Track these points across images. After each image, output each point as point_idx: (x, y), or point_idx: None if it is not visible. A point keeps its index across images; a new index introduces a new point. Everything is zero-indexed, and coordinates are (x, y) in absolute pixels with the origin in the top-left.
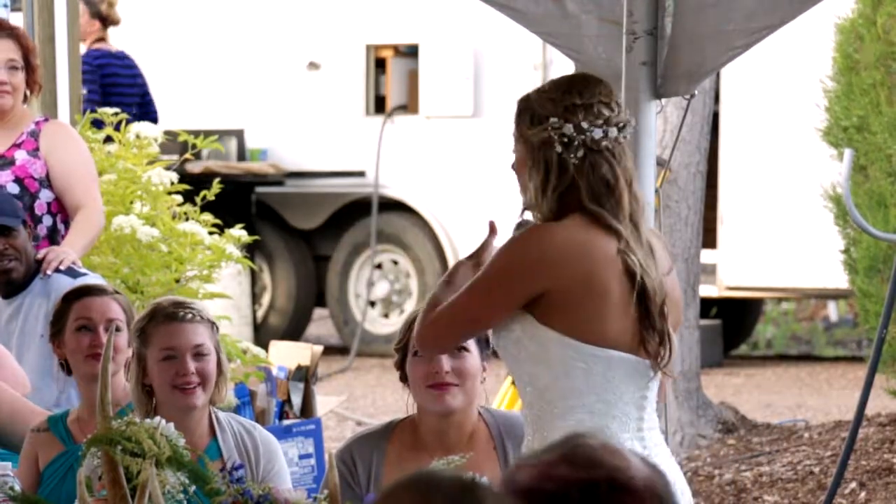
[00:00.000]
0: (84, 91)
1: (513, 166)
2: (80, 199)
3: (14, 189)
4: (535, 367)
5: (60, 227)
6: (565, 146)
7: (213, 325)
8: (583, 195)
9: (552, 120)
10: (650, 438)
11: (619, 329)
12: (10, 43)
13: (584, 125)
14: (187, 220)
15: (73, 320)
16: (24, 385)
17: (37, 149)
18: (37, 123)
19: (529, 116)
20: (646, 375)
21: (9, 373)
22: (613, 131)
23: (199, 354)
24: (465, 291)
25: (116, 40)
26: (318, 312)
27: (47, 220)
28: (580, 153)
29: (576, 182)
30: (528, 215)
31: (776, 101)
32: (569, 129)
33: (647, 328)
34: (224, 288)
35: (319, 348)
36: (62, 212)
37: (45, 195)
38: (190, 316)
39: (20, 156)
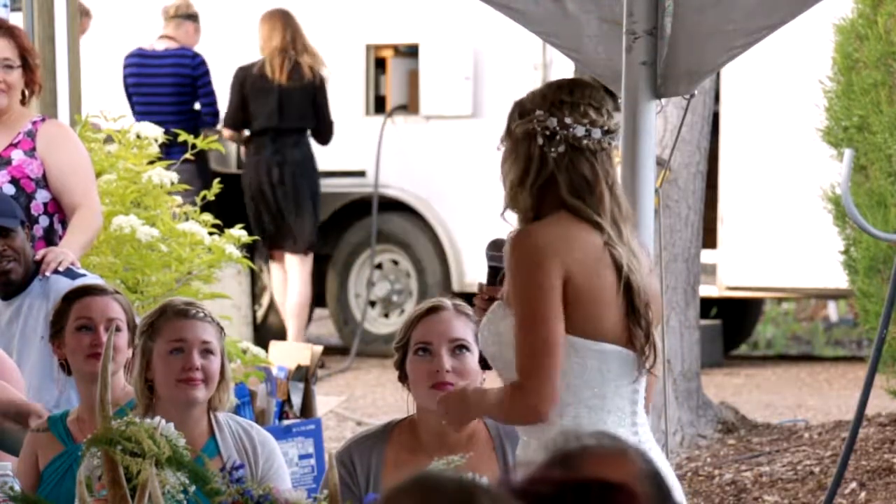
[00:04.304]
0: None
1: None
2: (77, 199)
3: (10, 189)
4: None
5: (57, 227)
6: (547, 139)
7: (221, 330)
8: (562, 190)
9: (537, 112)
10: (643, 434)
11: (611, 322)
12: (4, 42)
13: (568, 121)
14: (187, 220)
15: (73, 320)
16: (18, 379)
17: (33, 149)
18: (34, 123)
19: (518, 111)
20: (637, 369)
21: (4, 370)
22: (597, 132)
23: (206, 351)
24: (523, 337)
25: (118, 40)
26: (318, 312)
27: (44, 221)
28: (561, 148)
29: (554, 177)
30: (503, 230)
31: (776, 101)
32: (552, 122)
33: (634, 323)
34: (224, 288)
35: (319, 348)
36: (59, 212)
37: (42, 195)
38: (202, 315)
39: (17, 156)
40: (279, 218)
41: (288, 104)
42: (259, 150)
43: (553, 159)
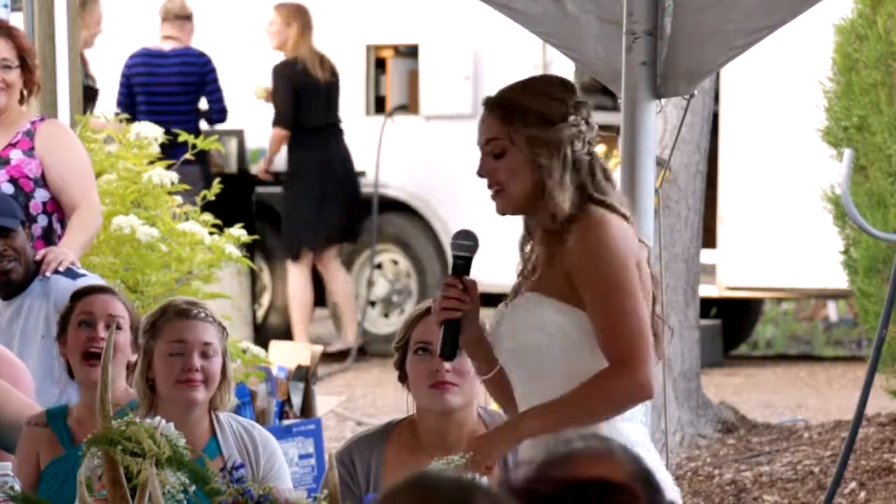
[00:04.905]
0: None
1: (479, 172)
2: (76, 198)
3: (9, 189)
4: (574, 357)
5: (56, 226)
6: (581, 142)
7: (223, 330)
8: (589, 188)
9: (572, 118)
10: (646, 431)
11: (647, 312)
12: (3, 42)
13: (591, 121)
14: (187, 220)
15: (75, 317)
16: (27, 380)
17: (32, 148)
18: (32, 123)
19: (538, 118)
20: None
21: (12, 371)
22: (595, 129)
23: (206, 352)
24: (620, 320)
25: (117, 41)
26: (318, 312)
27: (42, 220)
28: (586, 148)
29: (584, 175)
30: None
31: (776, 101)
32: (584, 125)
33: (653, 309)
34: (224, 288)
35: (319, 348)
36: (58, 211)
37: (41, 195)
38: (203, 315)
39: (15, 155)
40: (335, 210)
41: (334, 100)
42: (316, 146)
43: (584, 159)
